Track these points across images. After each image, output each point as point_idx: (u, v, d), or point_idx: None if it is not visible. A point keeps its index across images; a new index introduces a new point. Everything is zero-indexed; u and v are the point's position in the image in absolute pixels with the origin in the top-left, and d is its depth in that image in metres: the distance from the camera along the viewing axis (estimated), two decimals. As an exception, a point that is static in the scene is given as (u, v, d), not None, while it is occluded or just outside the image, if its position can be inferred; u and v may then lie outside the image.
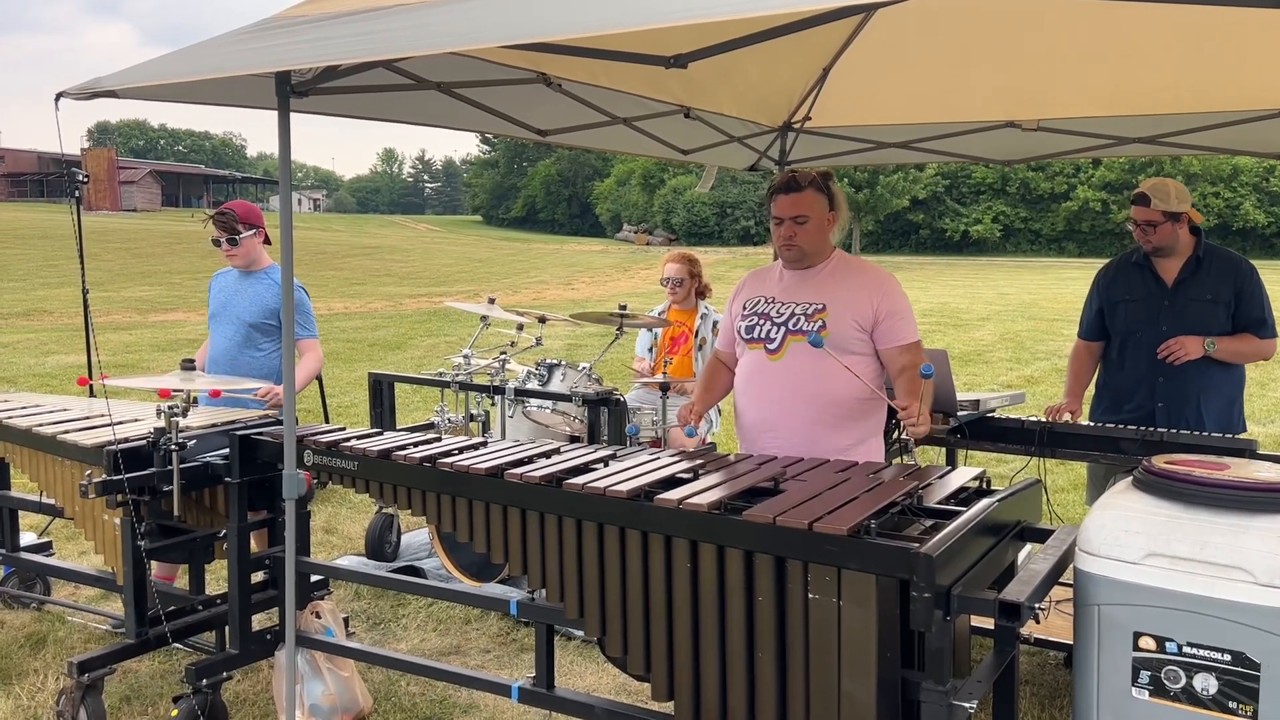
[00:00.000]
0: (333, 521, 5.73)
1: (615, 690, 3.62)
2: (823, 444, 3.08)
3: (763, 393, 3.19)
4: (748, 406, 3.25)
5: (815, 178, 3.17)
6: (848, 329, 3.10)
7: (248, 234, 4.27)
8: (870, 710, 2.11)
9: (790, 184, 3.15)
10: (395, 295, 22.91)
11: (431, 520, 2.91)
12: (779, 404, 3.13)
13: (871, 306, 3.11)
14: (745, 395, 3.26)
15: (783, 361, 3.13)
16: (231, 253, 4.29)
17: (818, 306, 3.13)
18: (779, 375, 3.16)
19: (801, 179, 3.15)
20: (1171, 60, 3.99)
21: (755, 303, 3.28)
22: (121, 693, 3.56)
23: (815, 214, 3.14)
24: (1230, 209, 45.31)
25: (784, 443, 3.12)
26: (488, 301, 5.53)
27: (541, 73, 3.77)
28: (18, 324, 16.40)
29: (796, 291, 3.21)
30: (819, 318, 3.11)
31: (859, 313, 3.11)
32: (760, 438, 3.20)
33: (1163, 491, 2.28)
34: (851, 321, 3.10)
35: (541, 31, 2.04)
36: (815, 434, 3.10)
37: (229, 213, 4.27)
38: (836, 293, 3.15)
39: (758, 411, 3.21)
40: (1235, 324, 3.76)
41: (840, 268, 3.22)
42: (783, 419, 3.14)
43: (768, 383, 3.15)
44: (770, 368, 3.18)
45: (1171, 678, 2.15)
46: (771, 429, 3.16)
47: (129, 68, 2.78)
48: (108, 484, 3.17)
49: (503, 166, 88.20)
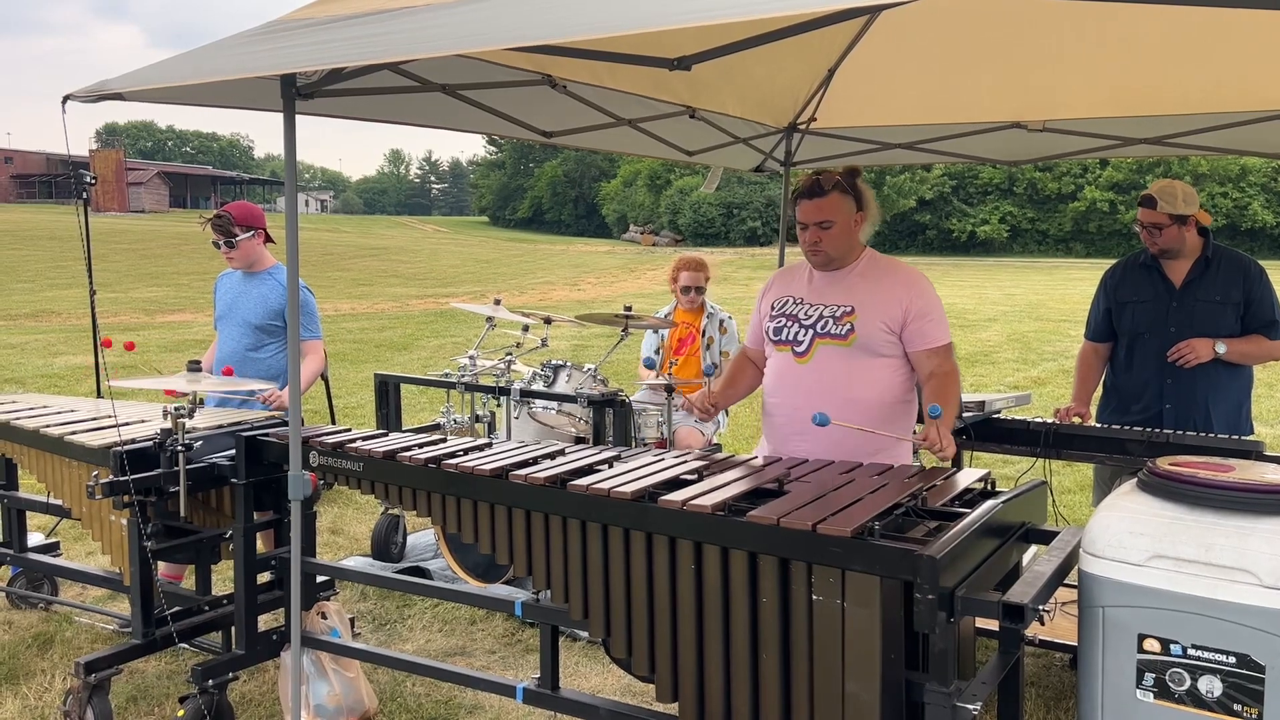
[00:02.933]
0: (339, 522, 5.74)
1: (620, 691, 3.63)
2: (853, 449, 3.01)
3: (791, 396, 3.12)
4: (777, 408, 3.19)
5: (839, 179, 3.05)
6: (876, 331, 3.01)
7: (245, 236, 4.27)
8: (874, 712, 2.11)
9: (814, 189, 3.04)
10: (402, 296, 22.95)
11: (437, 521, 2.91)
12: (807, 408, 3.03)
13: (901, 307, 3.02)
14: (775, 397, 3.20)
15: (810, 364, 3.06)
16: (230, 255, 4.30)
17: (846, 309, 3.05)
18: (807, 378, 3.10)
19: (825, 182, 3.03)
20: (1179, 60, 3.97)
21: (784, 303, 3.20)
22: (128, 693, 3.58)
23: (841, 217, 3.04)
24: (1238, 209, 45.11)
25: (813, 446, 3.04)
26: (494, 302, 5.53)
27: (546, 74, 3.78)
28: (26, 325, 16.46)
29: (825, 293, 3.12)
30: (847, 320, 3.03)
31: (888, 314, 3.02)
32: (790, 439, 3.13)
33: (1167, 493, 2.28)
34: (880, 324, 3.01)
35: (546, 34, 2.05)
36: (845, 438, 3.01)
37: (225, 215, 4.27)
38: (865, 294, 3.05)
39: (787, 414, 3.14)
40: (1244, 326, 3.74)
41: (870, 268, 3.12)
42: (812, 423, 3.10)
43: (796, 386, 3.09)
44: (798, 370, 3.11)
45: (1176, 680, 2.15)
46: (801, 432, 3.07)
47: (136, 70, 2.79)
48: (114, 485, 3.18)
49: (509, 167, 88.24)
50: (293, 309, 3.10)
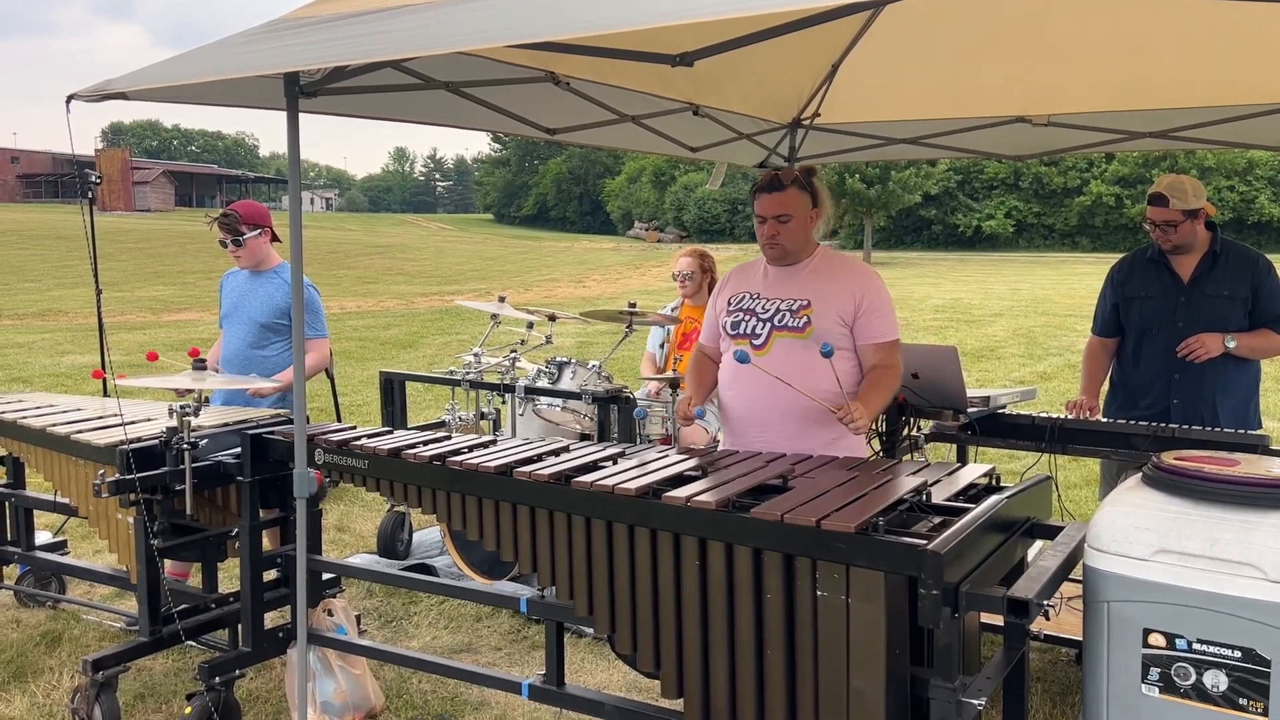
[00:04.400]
0: (345, 520, 5.76)
1: (625, 687, 3.63)
2: (808, 438, 3.10)
3: (749, 388, 3.19)
4: (734, 401, 3.26)
5: (797, 175, 3.17)
6: (831, 324, 3.11)
7: (252, 234, 4.28)
8: (879, 707, 2.11)
9: (773, 183, 3.16)
10: (407, 294, 22.98)
11: (442, 518, 2.92)
12: (766, 399, 3.14)
13: (854, 301, 3.13)
14: (731, 390, 3.27)
15: (767, 357, 3.13)
16: (237, 254, 4.31)
17: (802, 303, 3.15)
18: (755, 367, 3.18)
19: (784, 177, 3.16)
20: (1184, 53, 3.96)
21: (740, 299, 3.29)
22: (135, 690, 3.59)
23: (798, 212, 3.15)
24: (1245, 203, 44.97)
25: (772, 436, 3.13)
26: (498, 300, 5.54)
27: (549, 71, 3.77)
28: (33, 324, 16.51)
29: (781, 288, 3.22)
30: (804, 314, 3.13)
31: (842, 308, 3.13)
32: (749, 431, 3.21)
33: (1172, 488, 2.27)
34: (835, 317, 3.12)
35: (548, 31, 2.04)
36: (801, 428, 3.10)
37: (232, 214, 4.29)
38: (820, 288, 3.16)
39: (744, 406, 3.22)
40: (1253, 320, 3.73)
41: (824, 264, 3.23)
42: (770, 414, 3.14)
43: (753, 378, 3.15)
44: (755, 362, 3.18)
45: (1181, 674, 2.15)
46: (759, 423, 3.17)
47: (139, 70, 2.79)
48: (121, 483, 3.19)
49: (514, 165, 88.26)
50: (297, 306, 3.10)
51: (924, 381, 3.84)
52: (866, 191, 39.78)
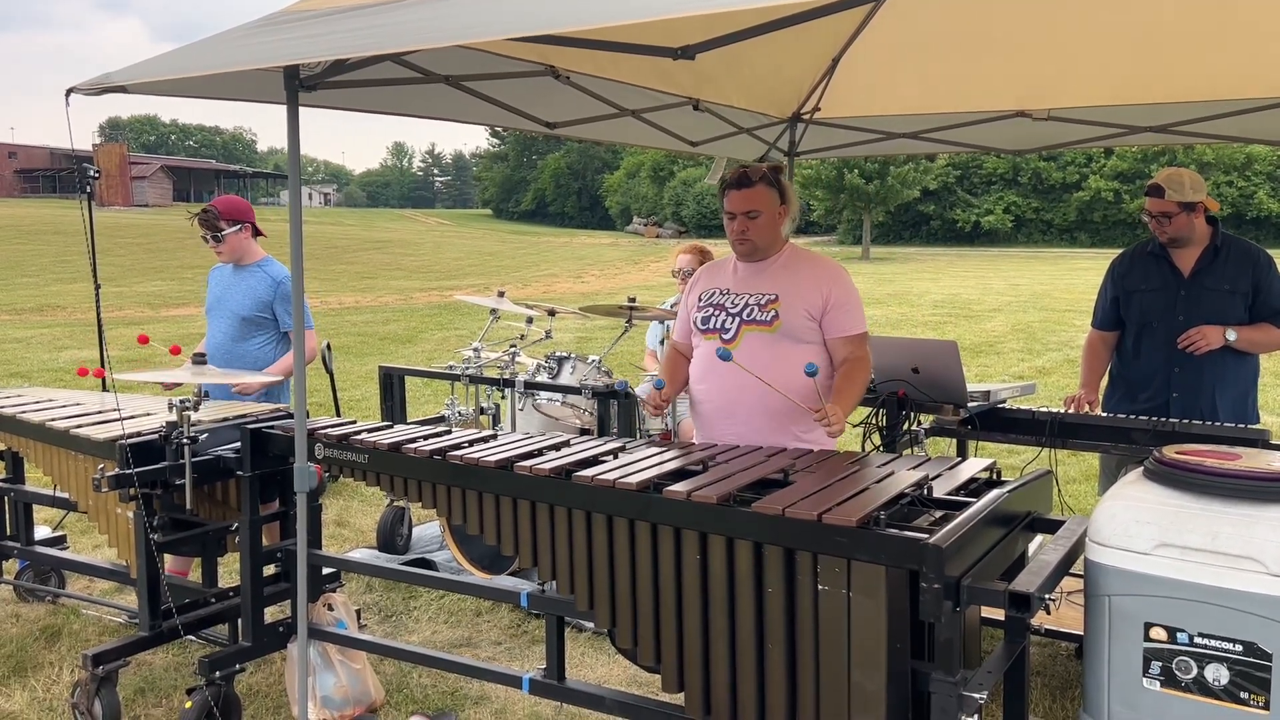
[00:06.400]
0: (344, 514, 5.76)
1: (626, 681, 3.63)
2: (777, 432, 3.13)
3: (719, 382, 3.22)
4: (705, 394, 3.29)
5: (766, 172, 3.21)
6: (798, 318, 3.15)
7: (231, 230, 4.29)
8: (880, 701, 2.11)
9: (742, 179, 3.19)
10: (405, 289, 22.97)
11: (442, 513, 2.92)
12: (736, 392, 3.17)
13: (821, 295, 3.16)
14: (703, 384, 3.30)
15: (737, 351, 3.16)
16: (218, 249, 4.33)
17: (770, 297, 3.18)
18: (734, 364, 3.20)
19: (753, 174, 3.19)
20: (1183, 48, 3.95)
21: (711, 294, 3.33)
22: (136, 685, 3.59)
23: (767, 209, 3.19)
24: (1244, 198, 44.97)
25: (742, 429, 3.16)
26: (497, 295, 5.54)
27: (549, 65, 3.77)
28: (31, 319, 16.50)
29: (750, 283, 3.26)
30: (771, 307, 3.16)
31: (810, 302, 3.16)
32: (719, 424, 3.24)
33: (1173, 482, 2.27)
34: (803, 311, 3.15)
35: (549, 24, 2.04)
36: (771, 421, 3.13)
37: (211, 210, 4.30)
38: (788, 283, 3.20)
39: (715, 400, 3.25)
40: (1253, 314, 3.73)
41: (792, 259, 3.27)
42: (740, 407, 3.17)
43: (724, 372, 3.18)
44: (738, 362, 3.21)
45: (1183, 668, 2.15)
46: (730, 416, 3.20)
47: (138, 63, 2.78)
48: (120, 478, 3.19)
49: (512, 160, 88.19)
50: (297, 301, 3.10)
51: (924, 376, 3.84)
52: (865, 186, 39.78)
